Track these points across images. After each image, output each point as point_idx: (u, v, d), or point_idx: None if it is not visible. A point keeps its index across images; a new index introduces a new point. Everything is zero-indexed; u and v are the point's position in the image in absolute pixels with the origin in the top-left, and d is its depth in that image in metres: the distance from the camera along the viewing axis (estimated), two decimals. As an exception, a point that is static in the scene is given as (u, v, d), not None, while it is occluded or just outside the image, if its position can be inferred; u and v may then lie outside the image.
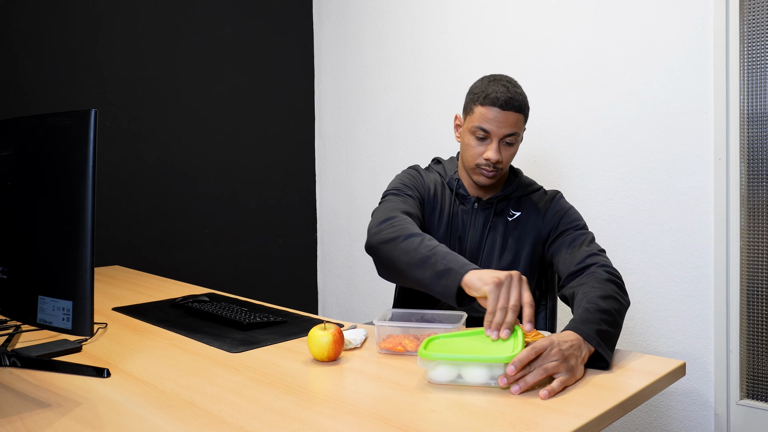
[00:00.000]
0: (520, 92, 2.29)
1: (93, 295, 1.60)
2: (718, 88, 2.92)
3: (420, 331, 1.91)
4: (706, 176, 2.99)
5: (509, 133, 2.28)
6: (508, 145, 2.31)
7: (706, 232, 3.00)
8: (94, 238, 1.59)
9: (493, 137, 2.28)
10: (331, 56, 4.74)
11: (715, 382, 2.98)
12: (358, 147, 4.59)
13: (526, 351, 1.62)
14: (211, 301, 2.57)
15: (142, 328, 2.25)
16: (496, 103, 2.24)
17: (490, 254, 2.42)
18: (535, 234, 2.40)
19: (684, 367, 1.82)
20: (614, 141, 3.25)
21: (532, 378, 1.59)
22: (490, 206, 2.44)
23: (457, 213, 2.46)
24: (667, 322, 3.11)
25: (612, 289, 1.98)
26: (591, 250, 2.20)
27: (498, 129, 2.27)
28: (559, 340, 1.68)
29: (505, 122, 2.26)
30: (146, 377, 1.72)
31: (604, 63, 3.28)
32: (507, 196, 2.44)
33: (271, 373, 1.74)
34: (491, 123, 2.26)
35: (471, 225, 2.44)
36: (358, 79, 4.56)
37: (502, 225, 2.43)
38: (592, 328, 1.76)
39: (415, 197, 2.43)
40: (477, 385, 1.62)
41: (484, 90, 2.29)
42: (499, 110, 2.25)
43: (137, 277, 3.28)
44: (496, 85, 2.28)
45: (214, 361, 1.86)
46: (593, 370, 1.74)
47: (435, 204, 2.48)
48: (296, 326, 2.24)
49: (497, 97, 2.25)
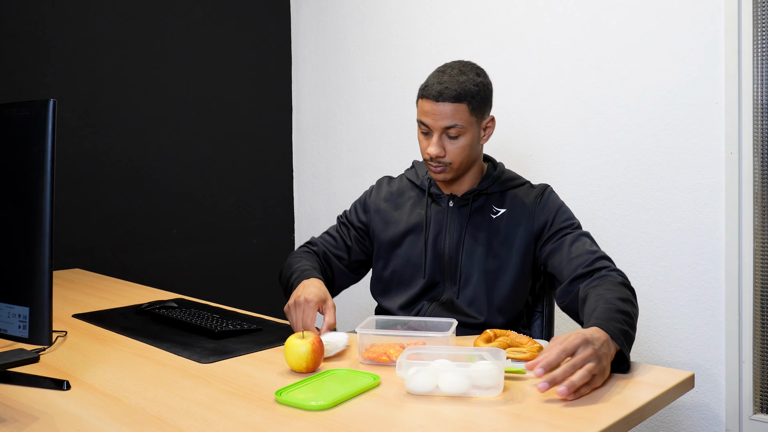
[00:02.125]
0: (464, 80, 2.30)
1: (51, 300, 1.60)
2: (729, 75, 2.93)
3: (406, 340, 1.92)
4: (716, 171, 3.00)
5: (448, 125, 2.30)
6: (451, 138, 2.32)
7: (716, 233, 3.01)
8: (53, 238, 1.59)
9: (433, 131, 2.32)
10: (310, 41, 4.74)
11: (726, 395, 3.00)
12: (339, 141, 4.59)
13: (555, 353, 1.64)
14: (180, 307, 2.58)
15: (104, 336, 2.26)
16: (430, 95, 2.30)
17: (470, 258, 2.41)
18: (526, 233, 2.39)
19: (692, 379, 1.83)
20: (617, 134, 3.26)
21: (579, 379, 1.61)
22: (467, 204, 2.45)
23: (430, 214, 2.48)
24: (674, 330, 3.13)
25: (627, 294, 2.02)
26: (597, 253, 2.23)
27: (434, 122, 2.31)
28: (592, 338, 1.71)
29: (440, 114, 2.29)
30: (109, 390, 1.73)
31: (604, 48, 3.29)
32: (483, 191, 2.45)
33: (245, 385, 1.75)
34: (428, 116, 2.32)
35: (447, 225, 2.46)
36: (339, 67, 4.57)
37: (484, 224, 2.43)
38: (617, 326, 1.80)
39: (350, 225, 2.67)
40: (455, 395, 1.64)
41: (426, 81, 2.35)
42: (432, 102, 2.30)
43: (99, 281, 3.28)
44: (437, 76, 2.33)
45: (182, 372, 1.87)
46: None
47: (390, 214, 2.56)
48: (272, 334, 2.26)
49: (431, 87, 2.30)
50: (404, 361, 1.66)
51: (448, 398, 1.63)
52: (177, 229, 4.23)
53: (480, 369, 1.64)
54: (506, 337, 2.01)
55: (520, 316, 2.48)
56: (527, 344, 1.96)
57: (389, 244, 2.53)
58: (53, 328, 1.69)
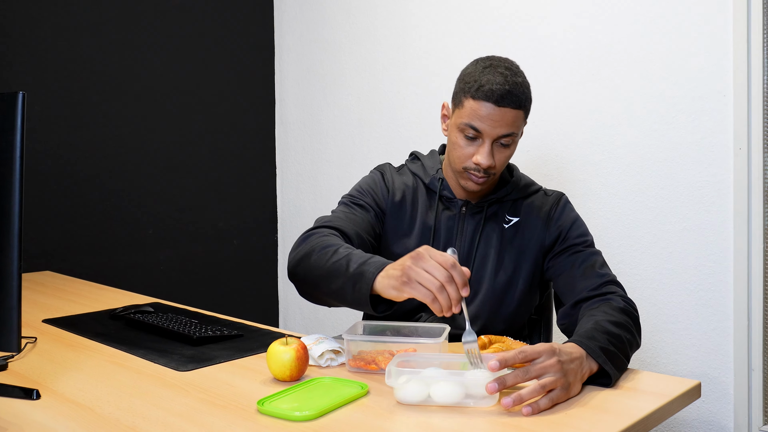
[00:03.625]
0: (521, 83, 2.18)
1: (20, 305, 1.61)
2: (738, 66, 2.93)
3: (396, 347, 1.92)
4: (724, 168, 3.00)
5: (505, 134, 2.18)
6: (503, 146, 2.22)
7: (724, 233, 3.01)
8: (22, 239, 1.59)
9: (486, 138, 2.18)
10: (295, 30, 4.74)
11: (734, 405, 3.01)
12: (325, 135, 4.60)
13: (512, 352, 1.64)
14: (156, 312, 2.58)
15: (76, 342, 2.26)
16: (491, 98, 2.13)
17: (481, 268, 2.35)
18: (538, 244, 2.35)
19: (699, 388, 1.84)
20: (619, 128, 3.27)
21: (528, 394, 1.60)
22: (481, 211, 2.38)
23: (440, 219, 2.40)
24: (679, 336, 3.14)
25: (625, 319, 1.99)
26: (606, 276, 2.20)
27: (492, 129, 2.16)
28: (560, 350, 1.70)
29: (500, 121, 2.16)
30: (81, 399, 1.73)
31: (606, 38, 3.29)
32: (501, 198, 2.39)
33: (225, 394, 1.76)
34: (483, 121, 2.16)
35: (458, 234, 2.38)
36: (325, 57, 4.57)
37: (497, 233, 2.37)
38: (596, 344, 1.78)
39: (368, 207, 2.42)
40: (448, 405, 1.64)
41: (477, 79, 2.18)
42: (493, 106, 2.14)
43: (71, 285, 3.28)
44: (491, 74, 2.17)
45: (159, 380, 1.87)
46: (594, 387, 1.76)
47: (403, 212, 2.43)
48: (254, 341, 2.26)
49: (492, 89, 2.13)
50: (394, 369, 1.67)
51: (440, 408, 1.64)
52: (153, 229, 4.23)
53: (474, 378, 1.64)
54: (502, 343, 2.01)
55: (522, 327, 2.48)
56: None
57: (395, 256, 2.25)
58: (22, 334, 1.69)
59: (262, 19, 4.79)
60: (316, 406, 1.61)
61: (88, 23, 3.93)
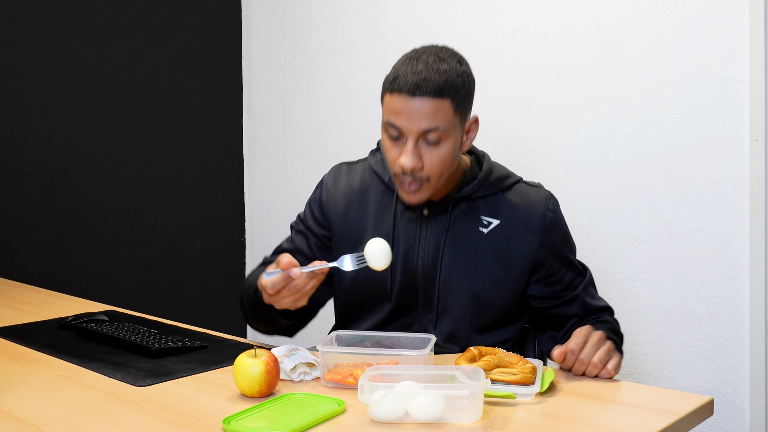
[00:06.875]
0: (446, 69, 2.09)
1: (-40, 313, 1.61)
2: (754, 50, 2.94)
3: (376, 359, 1.93)
4: (739, 162, 3.01)
5: (427, 129, 2.08)
6: (431, 145, 2.11)
7: (739, 233, 3.03)
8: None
9: (407, 135, 2.11)
10: (264, 8, 4.74)
11: (750, 423, 3.03)
12: (298, 125, 4.60)
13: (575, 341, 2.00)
14: (111, 321, 2.59)
15: (22, 354, 2.27)
16: (404, 88, 2.07)
17: (450, 278, 2.29)
18: (527, 255, 2.28)
19: (711, 405, 1.86)
20: (622, 118, 3.28)
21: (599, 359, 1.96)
22: (446, 211, 2.31)
23: (399, 223, 2.34)
24: (690, 348, 3.16)
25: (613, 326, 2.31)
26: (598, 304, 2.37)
27: (409, 123, 2.08)
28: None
29: (417, 113, 2.07)
30: (28, 417, 1.74)
31: (608, 18, 3.30)
32: (468, 196, 2.30)
33: (188, 412, 1.77)
34: (400, 115, 2.09)
35: (420, 239, 2.32)
36: (298, 39, 4.57)
37: (471, 237, 2.30)
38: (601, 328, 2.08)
39: (306, 233, 2.50)
40: (428, 422, 1.65)
41: (396, 71, 2.13)
42: (407, 97, 2.07)
43: (17, 291, 3.28)
44: (411, 63, 2.10)
45: (114, 396, 1.88)
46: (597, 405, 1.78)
47: (350, 220, 2.40)
48: (219, 353, 2.27)
49: (407, 79, 2.07)
50: (367, 383, 1.66)
51: (419, 425, 1.65)
52: (107, 230, 4.22)
53: (455, 391, 1.65)
54: (493, 356, 1.99)
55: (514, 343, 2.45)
56: (518, 364, 1.95)
57: None
58: (-38, 345, 1.70)
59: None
60: (287, 424, 1.62)
61: (32, 4, 3.91)
